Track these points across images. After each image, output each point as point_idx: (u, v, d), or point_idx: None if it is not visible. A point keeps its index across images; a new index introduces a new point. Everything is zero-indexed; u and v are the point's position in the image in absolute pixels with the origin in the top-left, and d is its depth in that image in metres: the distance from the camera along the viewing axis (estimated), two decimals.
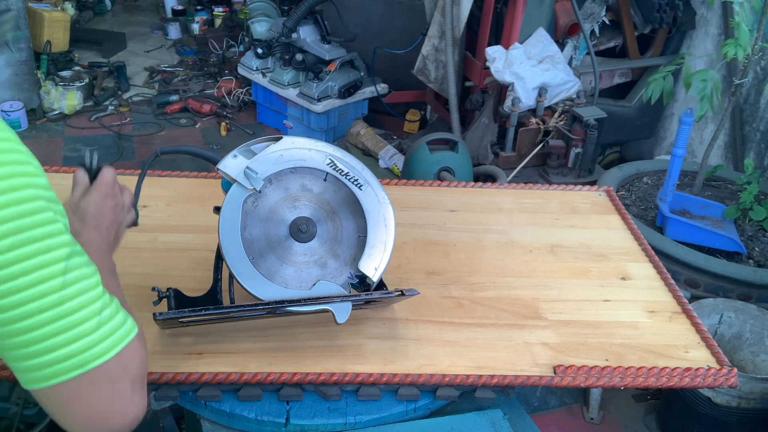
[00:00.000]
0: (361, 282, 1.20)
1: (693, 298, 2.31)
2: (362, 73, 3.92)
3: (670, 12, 3.29)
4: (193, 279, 1.34)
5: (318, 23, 3.92)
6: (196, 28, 5.39)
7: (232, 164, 1.14)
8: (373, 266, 1.19)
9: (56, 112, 4.13)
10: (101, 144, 3.91)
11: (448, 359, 1.23)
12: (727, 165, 3.20)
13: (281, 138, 1.19)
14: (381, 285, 1.23)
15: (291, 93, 3.88)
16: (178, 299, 1.18)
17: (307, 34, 3.92)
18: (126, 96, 4.45)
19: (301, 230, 1.17)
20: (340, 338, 1.25)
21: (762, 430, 2.16)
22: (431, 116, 4.12)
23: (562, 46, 3.33)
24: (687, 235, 2.45)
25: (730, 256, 2.44)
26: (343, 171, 1.19)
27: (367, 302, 1.23)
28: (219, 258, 1.22)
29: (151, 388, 1.16)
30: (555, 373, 1.22)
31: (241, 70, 4.18)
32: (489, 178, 3.05)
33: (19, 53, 3.81)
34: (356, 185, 1.19)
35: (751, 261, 2.45)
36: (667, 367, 1.24)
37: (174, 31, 5.40)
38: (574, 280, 1.48)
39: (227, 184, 1.17)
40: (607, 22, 3.42)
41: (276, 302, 1.13)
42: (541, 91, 3.10)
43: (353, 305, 1.16)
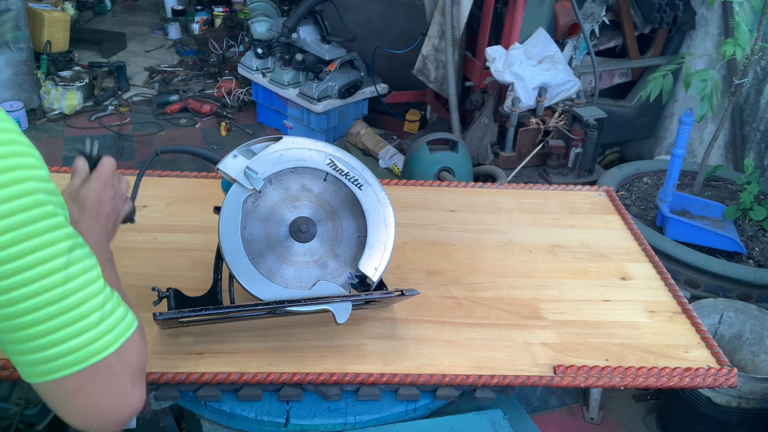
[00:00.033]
0: (361, 282, 1.20)
1: (693, 298, 2.31)
2: (362, 73, 3.92)
3: (670, 12, 3.29)
4: (193, 279, 1.34)
5: (318, 23, 3.92)
6: (196, 28, 5.39)
7: (232, 164, 1.15)
8: (373, 266, 1.19)
9: (56, 112, 4.13)
10: (101, 144, 3.84)
11: (448, 359, 1.23)
12: (727, 165, 3.20)
13: (281, 138, 1.19)
14: (381, 285, 1.23)
15: (291, 93, 3.88)
16: (178, 299, 1.18)
17: (307, 34, 3.91)
18: (126, 96, 4.45)
19: (301, 230, 1.17)
20: (340, 338, 1.25)
21: (762, 430, 2.16)
22: (431, 116, 4.12)
23: (562, 46, 3.32)
24: (687, 235, 2.45)
25: (730, 256, 2.44)
26: (343, 171, 1.19)
27: (367, 302, 1.23)
28: (219, 258, 1.22)
29: (151, 388, 1.16)
30: (555, 373, 1.22)
31: (241, 70, 4.18)
32: (489, 178, 3.05)
33: (19, 53, 3.81)
34: (356, 185, 1.19)
35: (751, 261, 2.45)
36: (667, 367, 1.24)
37: (174, 31, 5.40)
38: (574, 280, 1.48)
39: (227, 184, 1.17)
40: (607, 22, 3.42)
41: (276, 302, 1.13)
42: (541, 91, 3.09)
43: (353, 305, 1.16)
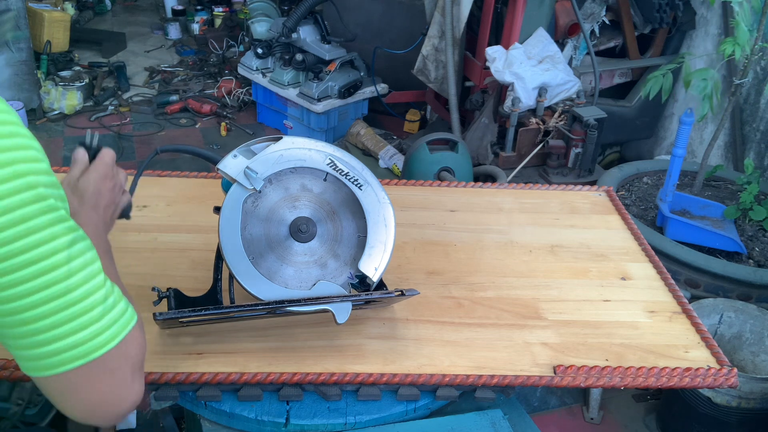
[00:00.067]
0: (361, 282, 1.20)
1: (693, 298, 2.31)
2: (362, 73, 3.92)
3: (670, 12, 3.29)
4: (193, 279, 1.34)
5: (318, 23, 3.92)
6: (196, 28, 5.39)
7: (232, 164, 1.14)
8: (373, 266, 1.19)
9: (56, 112, 4.13)
10: (101, 144, 3.90)
11: (448, 359, 1.23)
12: (727, 165, 3.20)
13: (281, 138, 1.19)
14: (381, 285, 1.23)
15: (291, 93, 3.88)
16: (178, 299, 1.18)
17: (307, 34, 3.91)
18: (126, 96, 4.45)
19: (301, 230, 1.17)
20: (340, 338, 1.25)
21: (762, 430, 2.16)
22: (431, 116, 4.12)
23: (562, 46, 3.32)
24: (687, 235, 2.45)
25: (730, 256, 2.44)
26: (343, 171, 1.19)
27: (367, 302, 1.22)
28: (219, 258, 1.22)
29: (151, 388, 1.16)
30: (555, 373, 1.22)
31: (241, 70, 4.18)
32: (489, 178, 3.05)
33: (19, 53, 3.81)
34: (356, 185, 1.19)
35: (751, 261, 2.45)
36: (667, 367, 1.24)
37: (174, 31, 5.40)
38: (574, 280, 1.48)
39: (227, 184, 1.17)
40: (607, 22, 3.42)
41: (276, 302, 1.13)
42: (541, 91, 3.09)
43: (353, 305, 1.16)
